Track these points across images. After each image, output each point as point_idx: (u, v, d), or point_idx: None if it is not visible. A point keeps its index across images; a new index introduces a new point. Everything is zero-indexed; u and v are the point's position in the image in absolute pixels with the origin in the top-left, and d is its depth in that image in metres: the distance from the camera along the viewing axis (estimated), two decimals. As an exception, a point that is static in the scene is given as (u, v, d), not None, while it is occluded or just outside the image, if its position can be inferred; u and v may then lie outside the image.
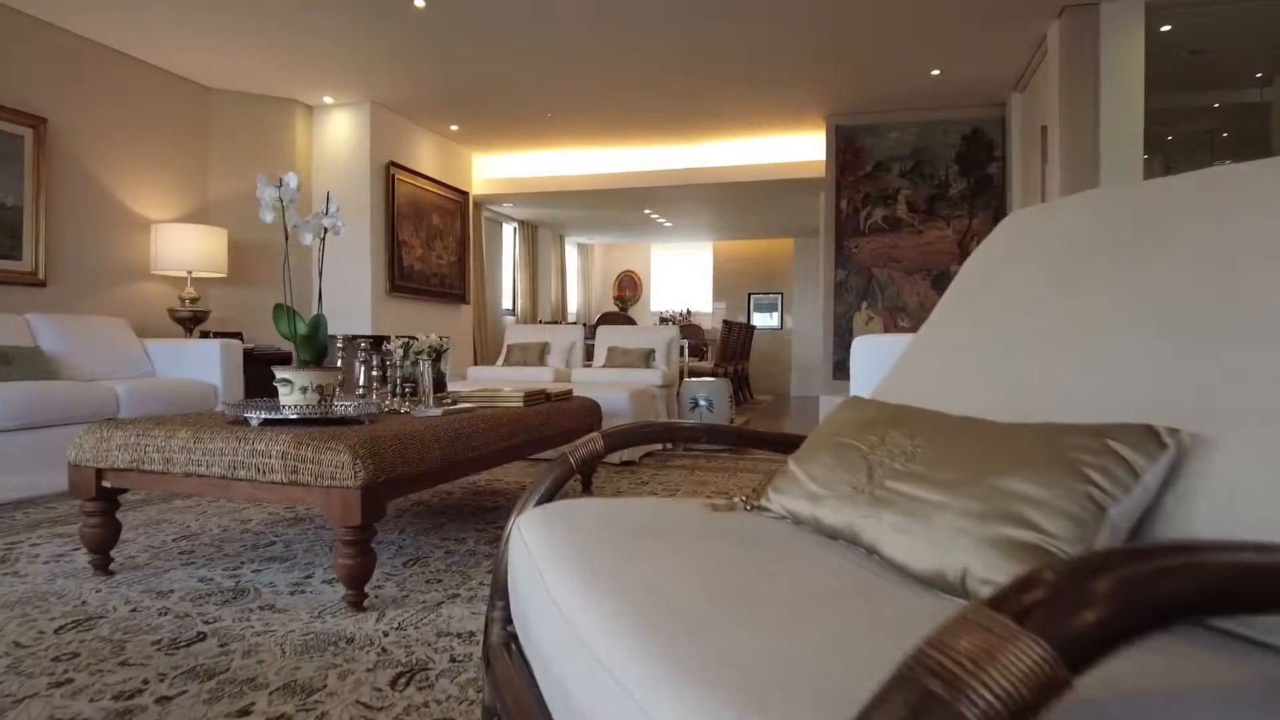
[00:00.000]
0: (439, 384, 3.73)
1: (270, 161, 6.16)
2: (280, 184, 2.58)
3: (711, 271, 12.26)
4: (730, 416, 5.44)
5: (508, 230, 10.03)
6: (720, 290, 12.19)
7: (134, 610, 2.07)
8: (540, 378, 5.63)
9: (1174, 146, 7.00)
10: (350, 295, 6.36)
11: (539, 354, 5.94)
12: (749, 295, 12.07)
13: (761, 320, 12.03)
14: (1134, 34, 4.27)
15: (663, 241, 12.65)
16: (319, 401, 2.47)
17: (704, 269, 12.51)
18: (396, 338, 3.58)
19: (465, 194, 7.69)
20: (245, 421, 2.36)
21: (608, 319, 7.90)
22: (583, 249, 12.23)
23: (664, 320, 12.54)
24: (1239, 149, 6.79)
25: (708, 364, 8.63)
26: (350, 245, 6.36)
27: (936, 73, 5.56)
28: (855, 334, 6.48)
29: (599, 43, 5.15)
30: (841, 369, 6.51)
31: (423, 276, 6.99)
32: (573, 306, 12.07)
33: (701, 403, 5.36)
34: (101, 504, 2.35)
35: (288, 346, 6.18)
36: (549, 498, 1.04)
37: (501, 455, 2.81)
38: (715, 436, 1.17)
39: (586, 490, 3.76)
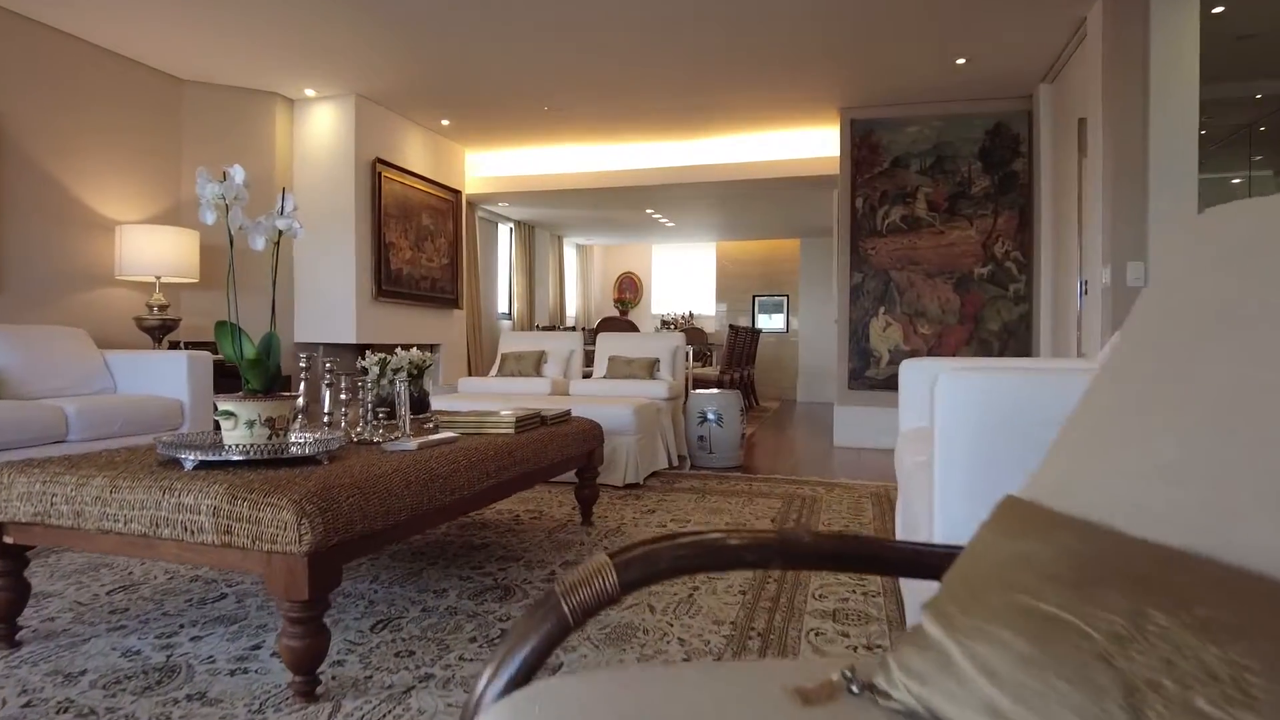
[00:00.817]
0: (420, 405, 3.35)
1: (248, 158, 5.77)
2: (224, 179, 2.19)
3: (714, 273, 11.87)
4: (741, 431, 5.05)
5: (503, 231, 9.64)
6: (724, 292, 11.81)
7: (27, 704, 1.67)
8: (536, 389, 5.24)
9: (1205, 141, 6.62)
10: (333, 301, 5.97)
11: (535, 364, 5.55)
12: (753, 297, 11.69)
13: (765, 323, 11.65)
14: (1188, 15, 3.88)
15: (664, 242, 12.27)
16: (269, 438, 2.08)
17: (707, 270, 12.13)
18: (372, 353, 3.19)
19: (457, 193, 7.30)
20: (179, 463, 1.97)
21: (608, 325, 7.52)
22: (581, 250, 11.85)
23: (665, 324, 12.16)
24: (1278, 144, 6.41)
25: (713, 370, 8.24)
26: (333, 247, 5.97)
27: (962, 61, 5.17)
28: (872, 340, 6.10)
29: (599, 31, 4.76)
30: (859, 378, 6.12)
31: (412, 280, 6.60)
32: (571, 310, 11.68)
33: (710, 417, 4.97)
34: (3, 564, 1.95)
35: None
36: (529, 673, 0.64)
37: (487, 495, 2.43)
38: (792, 559, 0.76)
39: (586, 520, 3.37)
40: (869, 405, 6.10)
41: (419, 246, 6.70)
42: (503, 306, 9.64)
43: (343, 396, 2.68)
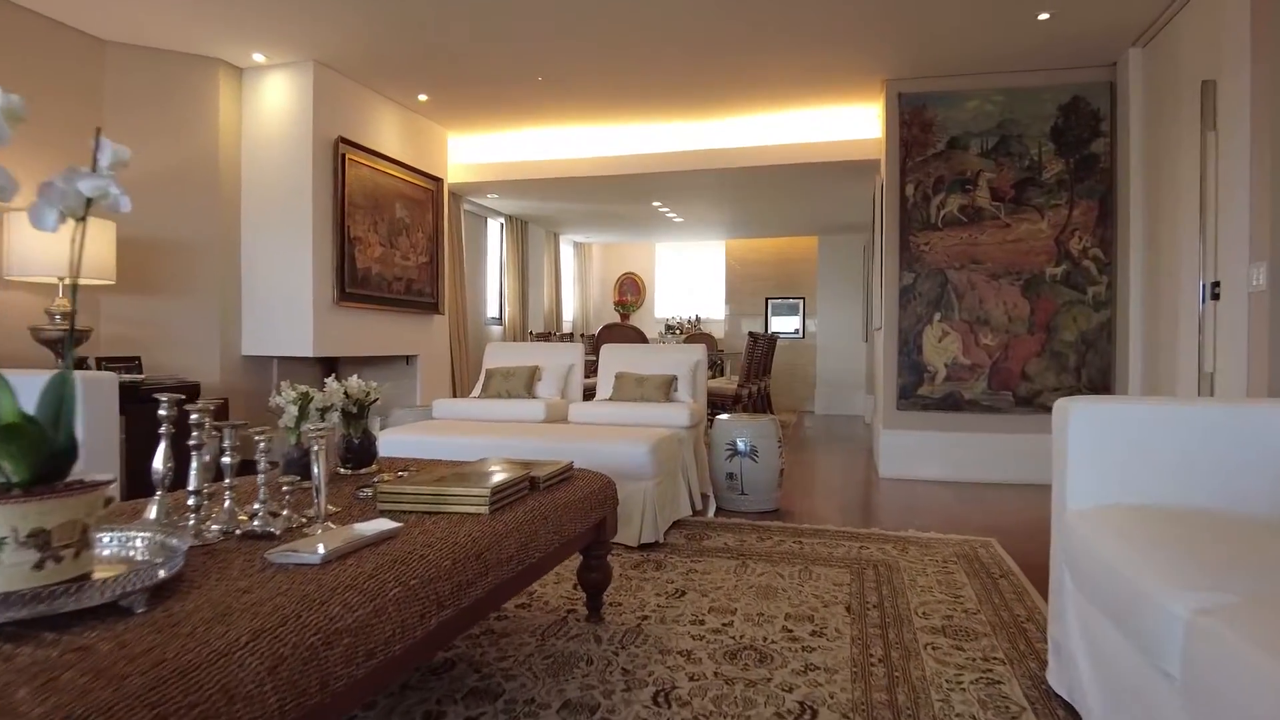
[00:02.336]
0: (362, 455, 2.41)
1: (185, 135, 4.83)
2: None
3: (724, 274, 10.95)
4: (780, 467, 4.12)
5: (493, 226, 8.69)
6: (733, 294, 10.89)
7: None
8: (527, 414, 4.30)
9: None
10: (287, 306, 5.02)
11: (527, 382, 4.61)
12: (766, 300, 10.77)
13: (778, 326, 10.73)
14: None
15: (669, 240, 11.34)
16: (37, 565, 1.14)
17: (715, 271, 11.20)
18: (291, 388, 2.26)
19: (438, 181, 6.36)
20: None
21: (612, 333, 6.61)
22: (579, 249, 10.91)
23: (670, 328, 11.22)
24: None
25: (729, 383, 7.31)
26: (288, 242, 5.02)
27: (1045, 17, 4.26)
28: (926, 352, 5.18)
29: (605, -31, 3.84)
30: (909, 396, 5.19)
31: (383, 281, 5.65)
32: (569, 314, 10.75)
33: (741, 448, 4.04)
34: None
35: (204, 375, 4.84)
36: None
37: (436, 639, 1.49)
38: None
39: (594, 614, 2.44)
40: (922, 429, 5.18)
41: (391, 242, 5.76)
42: (492, 311, 8.70)
43: (226, 459, 1.74)
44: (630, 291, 11.73)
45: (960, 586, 2.85)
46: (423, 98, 5.79)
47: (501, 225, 8.57)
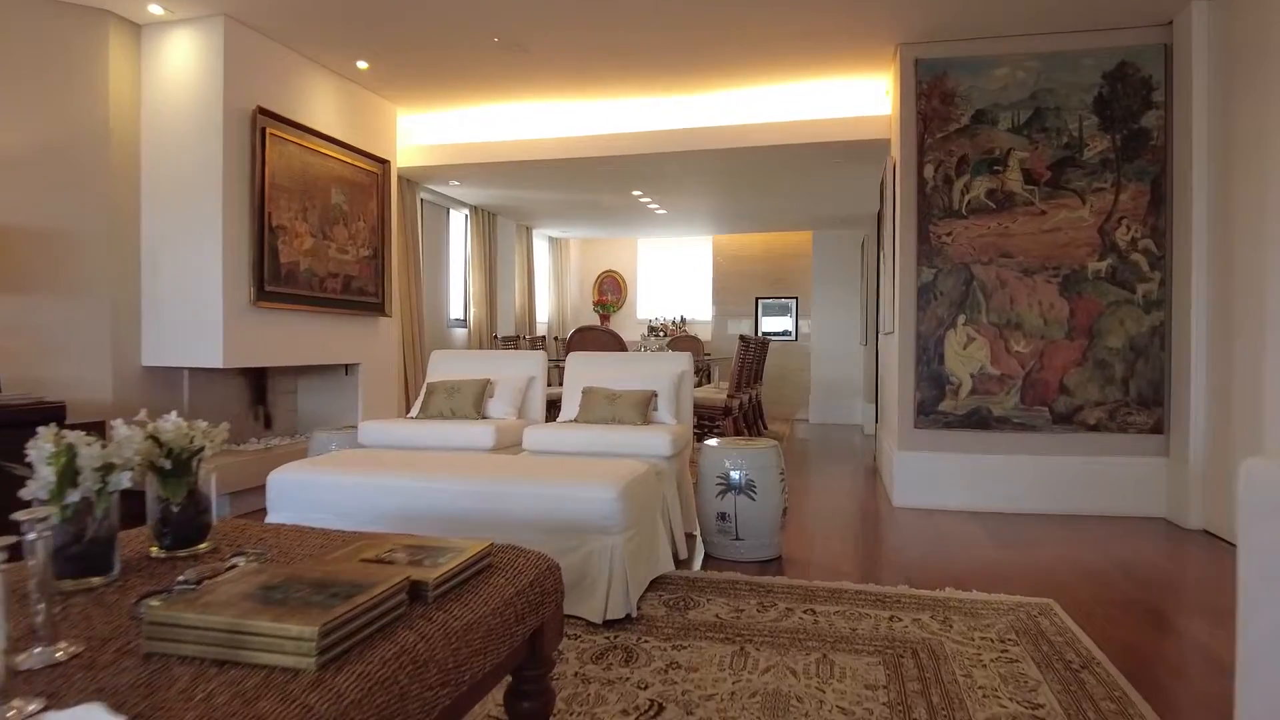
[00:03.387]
0: (185, 531, 1.63)
1: (66, 102, 4.01)
2: None
3: (711, 272, 10.20)
4: (783, 505, 3.36)
5: (456, 218, 7.89)
6: (720, 294, 10.14)
7: None
8: (471, 440, 3.52)
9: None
10: (192, 307, 4.21)
11: (475, 398, 3.83)
12: (756, 300, 10.03)
13: (769, 327, 9.99)
14: None
15: (652, 236, 10.58)
16: None
17: (701, 269, 10.45)
18: (52, 437, 1.47)
19: (385, 163, 5.55)
20: None
21: (584, 337, 5.81)
22: (555, 244, 10.12)
23: (653, 330, 10.45)
24: None
25: (717, 391, 6.56)
26: (191, 229, 4.21)
27: (1099, -43, 3.54)
28: (949, 361, 4.44)
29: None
30: (930, 412, 4.45)
31: (313, 278, 4.85)
32: (543, 315, 9.95)
33: (735, 481, 3.27)
34: None
35: (91, 391, 4.02)
36: None
37: None
38: None
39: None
40: (944, 451, 4.44)
41: (325, 233, 4.95)
42: (456, 312, 7.89)
43: None
44: (611, 291, 10.96)
45: (1032, 685, 2.10)
46: (362, 65, 4.99)
47: (467, 217, 7.77)
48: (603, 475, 2.64)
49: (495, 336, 6.51)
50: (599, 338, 5.74)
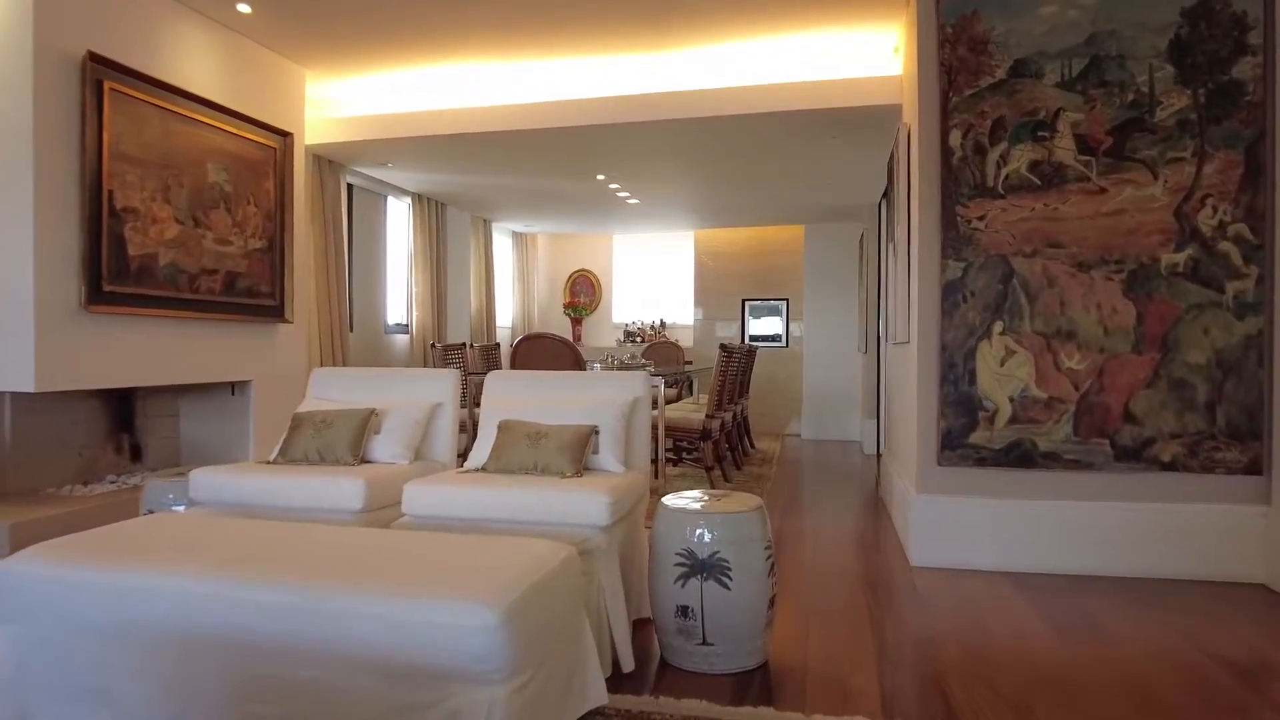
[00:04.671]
0: None
1: None
2: None
3: (693, 271, 9.22)
4: (770, 593, 2.37)
5: (396, 208, 6.89)
6: (703, 295, 9.17)
7: None
8: (331, 500, 2.54)
9: None
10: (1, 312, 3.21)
11: (353, 435, 2.84)
12: (743, 302, 9.06)
13: (757, 331, 9.03)
14: None
15: (628, 231, 9.60)
16: None
17: (683, 268, 9.48)
18: None
19: (286, 136, 4.56)
20: None
21: (533, 349, 4.77)
22: (520, 240, 9.12)
23: (630, 335, 9.47)
24: None
25: (695, 409, 5.58)
26: (-8, 213, 3.21)
27: None
28: (982, 379, 3.47)
29: None
30: (957, 445, 3.48)
31: (179, 275, 3.85)
32: (505, 319, 8.95)
33: (703, 560, 2.29)
34: None
35: None
36: None
37: None
38: None
39: None
40: (975, 494, 3.47)
41: (200, 219, 3.95)
42: (397, 317, 6.89)
43: None
44: (584, 292, 9.97)
45: None
46: (244, 8, 3.99)
47: (409, 207, 6.76)
48: (479, 585, 1.65)
49: (434, 345, 5.52)
50: (550, 349, 4.76)
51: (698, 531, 2.31)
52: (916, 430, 3.58)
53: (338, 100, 5.28)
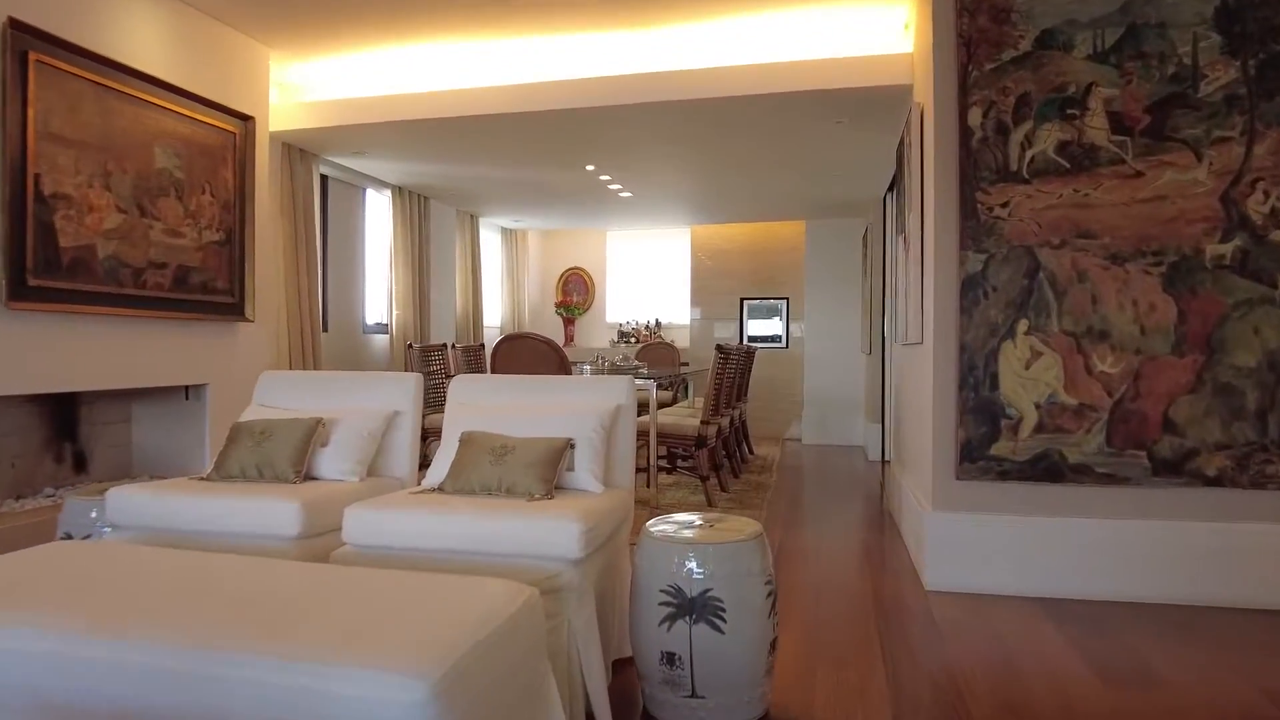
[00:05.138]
0: None
1: None
2: None
3: (690, 269, 8.88)
4: (770, 635, 2.02)
5: (375, 201, 6.55)
6: (700, 294, 8.83)
7: None
8: (264, 525, 2.21)
9: None
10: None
11: (296, 448, 2.50)
12: (741, 300, 8.72)
13: (756, 331, 8.69)
14: None
15: (622, 228, 9.27)
16: None
17: (679, 265, 9.14)
18: None
19: (248, 121, 4.21)
20: None
21: (514, 350, 4.42)
22: (509, 236, 8.77)
23: (624, 335, 9.13)
24: None
25: (690, 414, 5.25)
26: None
27: None
28: (1005, 384, 3.13)
29: None
30: (978, 457, 3.14)
31: (121, 269, 3.51)
32: (494, 319, 8.61)
33: (693, 598, 1.95)
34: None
35: None
36: None
37: None
38: None
39: None
40: (998, 511, 3.14)
41: (146, 208, 3.61)
42: (377, 315, 6.55)
43: None
44: (576, 291, 9.63)
45: None
46: (194, -23, 3.65)
47: (390, 200, 6.42)
48: (407, 648, 1.31)
49: (410, 346, 5.18)
50: (533, 350, 4.41)
51: (687, 565, 1.97)
52: (932, 440, 3.24)
53: (307, 85, 4.94)
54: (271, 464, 2.46)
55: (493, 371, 4.48)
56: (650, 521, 2.14)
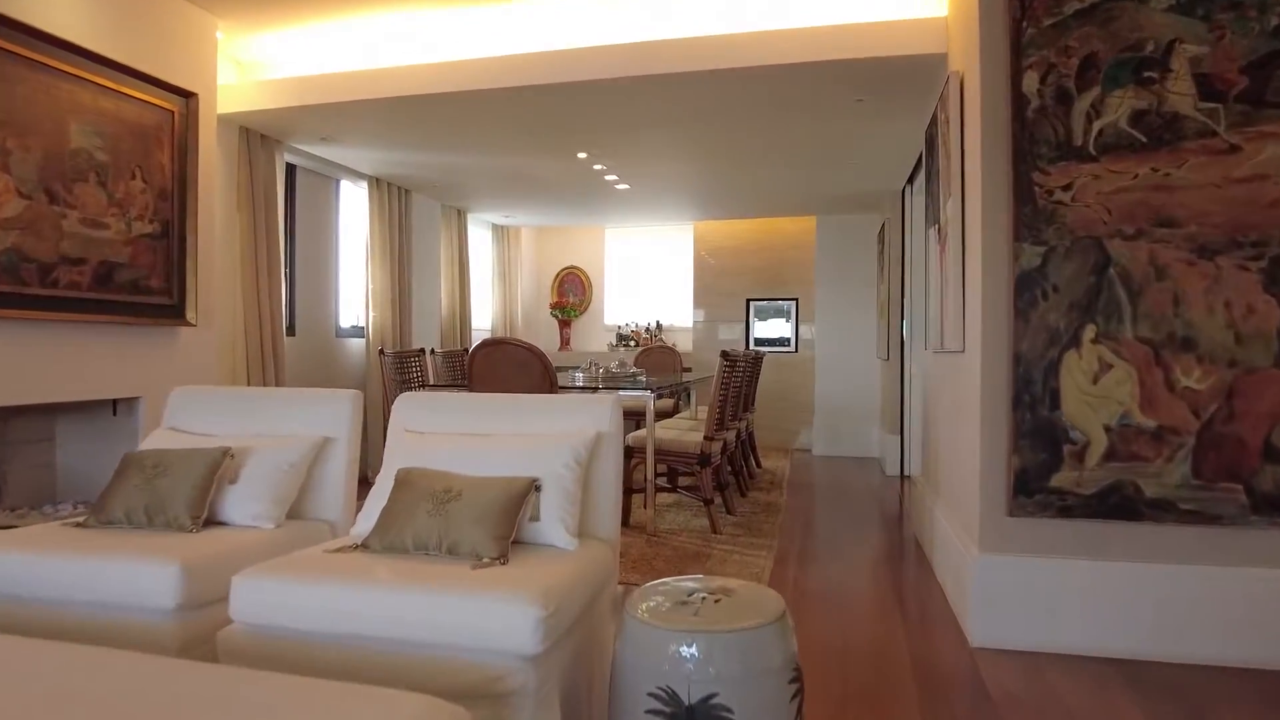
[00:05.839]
0: None
1: None
2: None
3: (692, 268, 8.37)
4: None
5: (352, 194, 6.04)
6: (705, 294, 8.32)
7: None
8: (139, 595, 1.70)
9: None
10: None
11: (196, 488, 1.99)
12: (748, 302, 8.20)
13: (763, 333, 8.18)
14: None
15: (621, 224, 8.76)
16: None
17: (682, 264, 8.62)
18: None
19: (189, 99, 3.71)
20: None
21: (492, 358, 3.86)
22: (500, 233, 8.26)
23: (623, 339, 8.62)
24: None
25: (693, 428, 4.74)
26: None
27: None
28: (1068, 402, 2.61)
29: None
30: (1036, 490, 2.62)
31: (23, 265, 3.01)
32: (483, 321, 8.10)
33: (688, 697, 1.43)
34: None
35: None
36: None
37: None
38: None
39: None
40: (1060, 554, 2.62)
41: (58, 194, 3.11)
42: (353, 317, 6.05)
43: None
44: (573, 291, 9.12)
45: None
46: (115, -74, 3.15)
47: (368, 192, 5.91)
48: None
49: (382, 352, 4.67)
50: (514, 358, 3.88)
51: (684, 662, 1.45)
52: (979, 468, 2.72)
53: (270, 63, 4.44)
54: (164, 507, 1.95)
55: (470, 383, 3.97)
56: (635, 595, 1.62)
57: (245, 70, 4.48)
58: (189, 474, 2.00)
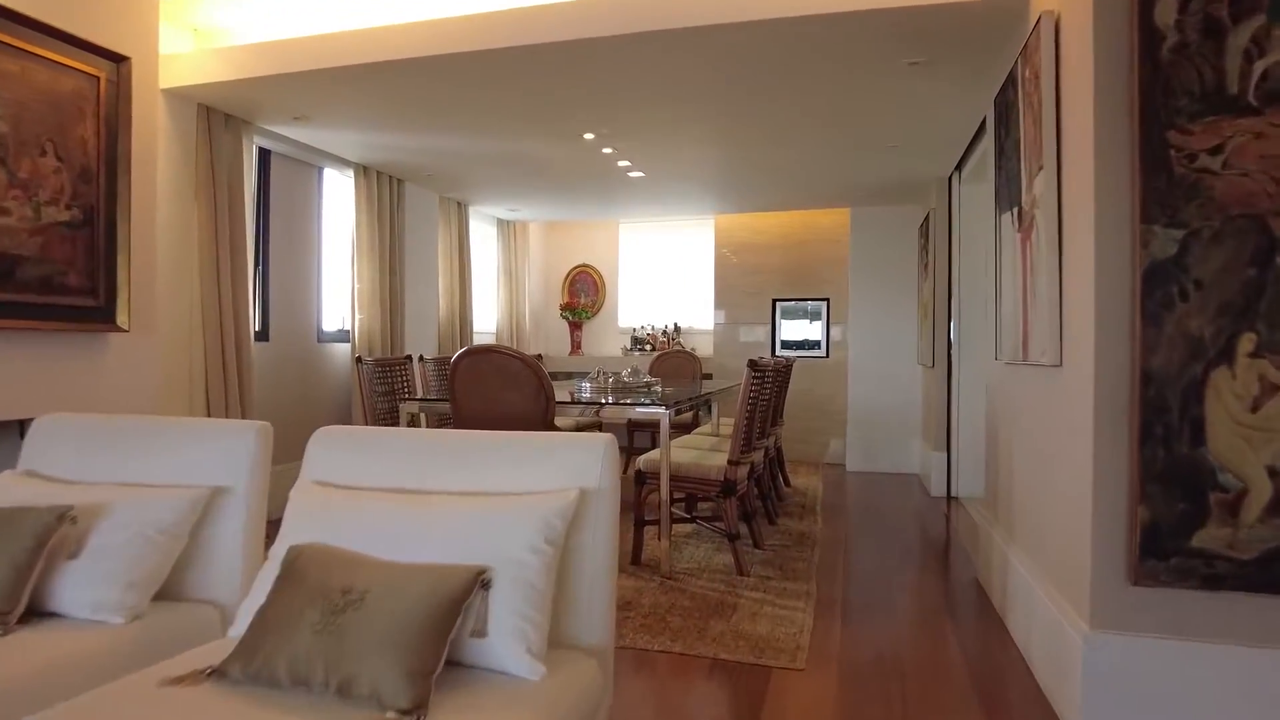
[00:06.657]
0: None
1: None
2: None
3: (713, 265, 7.74)
4: None
5: (335, 181, 5.48)
6: (727, 294, 7.69)
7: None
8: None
9: None
10: None
11: (18, 563, 1.40)
12: (774, 302, 7.56)
13: (790, 336, 7.54)
14: None
15: (636, 218, 8.16)
16: None
17: (702, 262, 7.99)
18: None
19: (121, 63, 3.15)
20: None
21: (477, 368, 3.27)
22: (505, 228, 7.68)
23: (638, 343, 8.02)
24: None
25: (716, 447, 4.12)
26: None
27: None
28: (1217, 438, 1.98)
29: None
30: (1171, 551, 1.99)
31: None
32: (486, 324, 7.53)
33: None
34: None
35: None
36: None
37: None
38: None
39: None
40: (1205, 638, 1.97)
41: (-60, 171, 2.55)
42: (337, 322, 5.49)
43: None
44: (585, 291, 8.53)
45: None
46: None
47: (353, 182, 5.35)
48: None
49: (359, 360, 4.11)
50: (502, 370, 3.26)
51: None
52: (1091, 519, 2.08)
53: (229, 30, 3.89)
54: (-26, 593, 1.37)
55: (451, 399, 3.38)
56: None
57: (204, 39, 3.93)
58: (7, 546, 1.43)
